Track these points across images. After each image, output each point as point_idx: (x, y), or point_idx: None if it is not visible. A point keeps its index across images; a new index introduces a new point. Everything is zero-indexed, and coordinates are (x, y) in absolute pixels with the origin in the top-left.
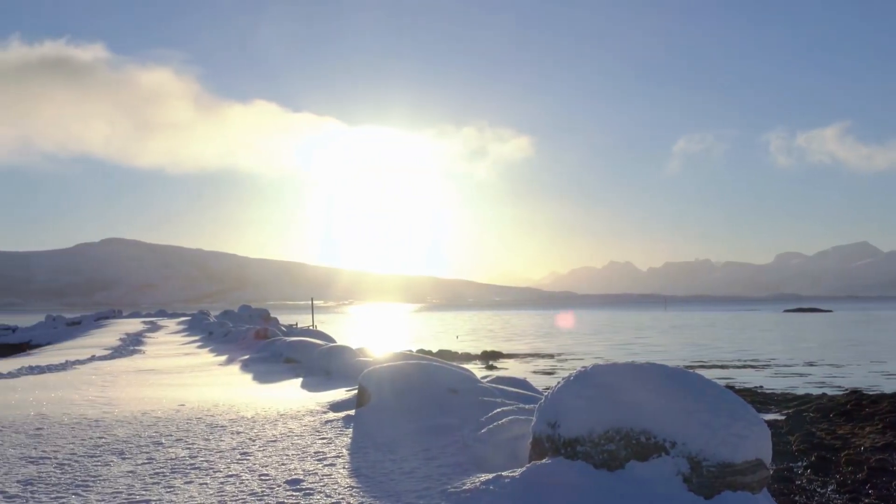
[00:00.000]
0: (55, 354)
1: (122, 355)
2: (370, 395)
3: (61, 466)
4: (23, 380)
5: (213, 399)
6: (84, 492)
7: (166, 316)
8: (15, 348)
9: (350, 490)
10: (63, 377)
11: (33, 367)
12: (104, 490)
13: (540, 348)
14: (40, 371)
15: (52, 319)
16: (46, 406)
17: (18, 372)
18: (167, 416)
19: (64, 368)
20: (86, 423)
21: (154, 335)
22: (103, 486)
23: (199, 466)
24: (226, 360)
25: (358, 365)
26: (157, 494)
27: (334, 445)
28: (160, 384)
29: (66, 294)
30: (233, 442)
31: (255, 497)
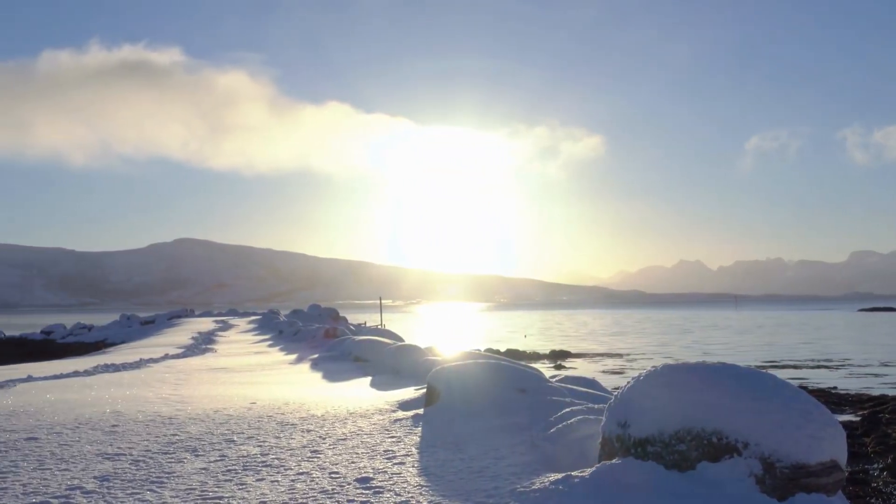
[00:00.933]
0: (130, 353)
1: (195, 354)
2: (439, 394)
3: (136, 463)
4: (98, 378)
5: (283, 397)
6: (159, 488)
7: (237, 315)
8: (91, 347)
9: (419, 489)
10: (137, 375)
11: (109, 366)
12: (178, 487)
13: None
14: (115, 369)
15: (126, 318)
16: (122, 404)
17: (94, 370)
18: (239, 414)
19: (138, 367)
20: (160, 420)
21: (225, 334)
22: (177, 482)
23: (271, 464)
24: (296, 358)
25: (426, 364)
26: (229, 491)
27: (403, 444)
28: (232, 382)
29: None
30: (303, 440)
31: (325, 495)
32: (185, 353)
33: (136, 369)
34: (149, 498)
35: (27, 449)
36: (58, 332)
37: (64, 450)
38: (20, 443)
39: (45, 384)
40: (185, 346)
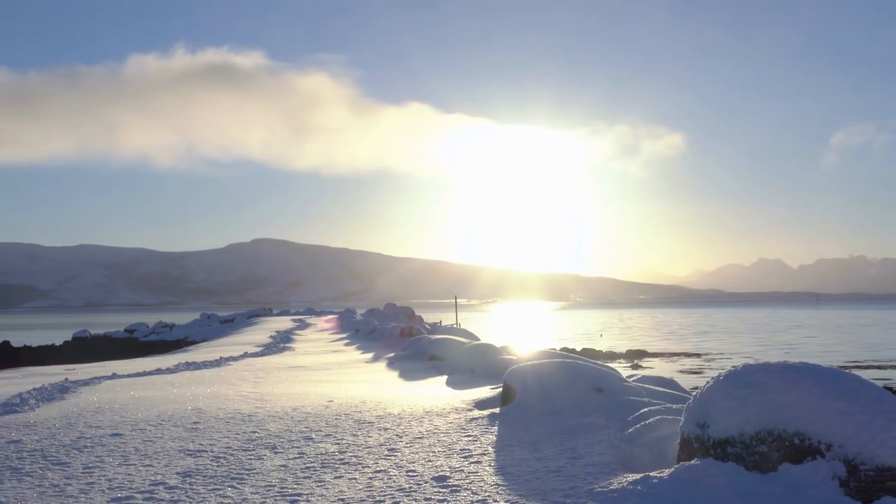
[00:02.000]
0: (210, 351)
1: (273, 352)
2: (515, 393)
3: (217, 459)
4: (180, 375)
5: (360, 395)
6: (239, 484)
7: (314, 314)
8: (172, 345)
9: (496, 488)
10: (217, 373)
11: (190, 364)
12: (258, 483)
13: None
14: (196, 367)
15: (206, 317)
16: (202, 401)
17: (176, 368)
18: (317, 412)
19: (218, 365)
20: (239, 417)
21: (303, 333)
22: (257, 479)
23: (348, 461)
24: (372, 357)
25: (502, 363)
26: (308, 488)
27: (480, 443)
28: (309, 380)
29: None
30: (380, 438)
31: (402, 493)
32: (263, 352)
33: (217, 367)
34: (230, 494)
35: (112, 445)
36: (140, 330)
37: (147, 446)
38: (105, 438)
39: (128, 381)
40: (264, 345)
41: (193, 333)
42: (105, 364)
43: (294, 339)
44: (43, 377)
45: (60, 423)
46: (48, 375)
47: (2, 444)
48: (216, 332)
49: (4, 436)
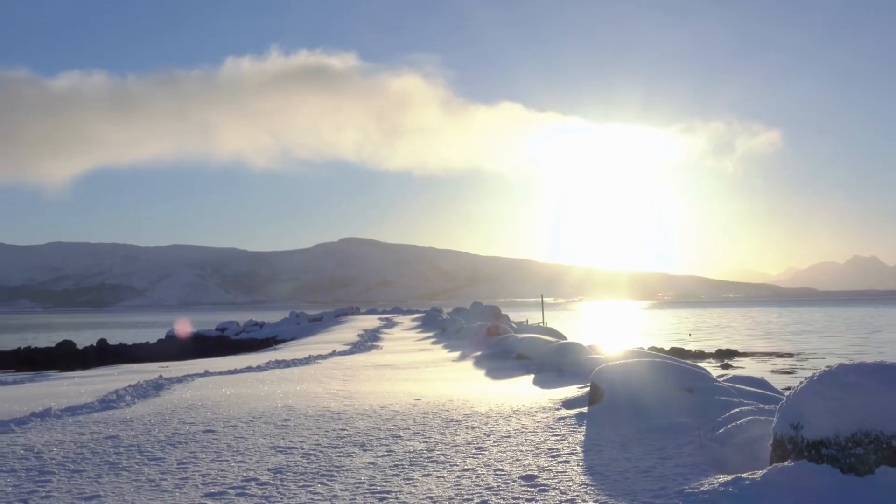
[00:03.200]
0: (299, 349)
1: (361, 350)
2: (603, 393)
3: (307, 456)
4: (270, 373)
5: (447, 394)
6: (329, 481)
7: (401, 313)
8: (262, 343)
9: (585, 487)
10: (307, 371)
11: (279, 362)
12: (347, 480)
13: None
14: (286, 365)
15: (295, 316)
16: (292, 398)
17: (266, 366)
18: (405, 410)
19: (307, 363)
20: (329, 415)
21: (390, 331)
22: (346, 476)
23: (437, 460)
24: (459, 356)
25: (589, 362)
26: (396, 486)
27: (568, 442)
28: (397, 379)
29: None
30: (468, 437)
31: (490, 491)
32: (351, 350)
33: (306, 365)
34: (320, 491)
35: (205, 441)
36: (231, 329)
37: (239, 442)
38: (199, 435)
39: (220, 379)
40: (352, 343)
41: (283, 332)
42: (198, 362)
43: (381, 337)
44: (138, 374)
45: (155, 419)
46: (143, 373)
47: (100, 439)
48: (305, 330)
49: (102, 431)
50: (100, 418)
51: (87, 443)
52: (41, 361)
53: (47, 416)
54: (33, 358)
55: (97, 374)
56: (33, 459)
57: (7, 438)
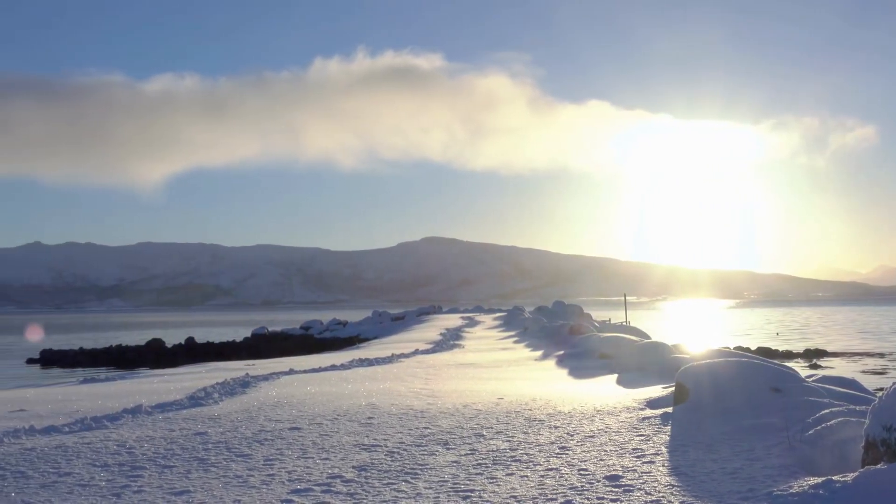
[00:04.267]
0: (382, 348)
1: (443, 349)
2: (688, 393)
3: (391, 454)
4: (354, 371)
5: (530, 393)
6: (413, 479)
7: (483, 311)
8: (345, 342)
9: (670, 488)
10: (389, 369)
11: (363, 360)
12: (431, 478)
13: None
14: (369, 364)
15: (378, 315)
16: (376, 397)
17: (350, 364)
18: (487, 409)
19: (390, 361)
20: (412, 413)
21: (472, 330)
22: (430, 474)
23: (520, 459)
24: (541, 355)
25: (673, 362)
26: (480, 485)
27: (652, 442)
28: (479, 378)
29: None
30: (551, 436)
31: (574, 491)
32: (434, 349)
33: (389, 364)
34: (404, 489)
35: (291, 438)
36: (315, 327)
37: (324, 440)
38: (285, 432)
39: (305, 377)
40: (434, 342)
41: (366, 331)
42: (282, 360)
43: (463, 336)
44: (225, 372)
45: (242, 416)
46: (230, 370)
47: (189, 435)
48: (388, 329)
49: (191, 428)
50: (188, 415)
51: (177, 439)
52: (132, 359)
53: (138, 412)
54: (124, 356)
55: (185, 372)
56: (125, 455)
57: (100, 434)
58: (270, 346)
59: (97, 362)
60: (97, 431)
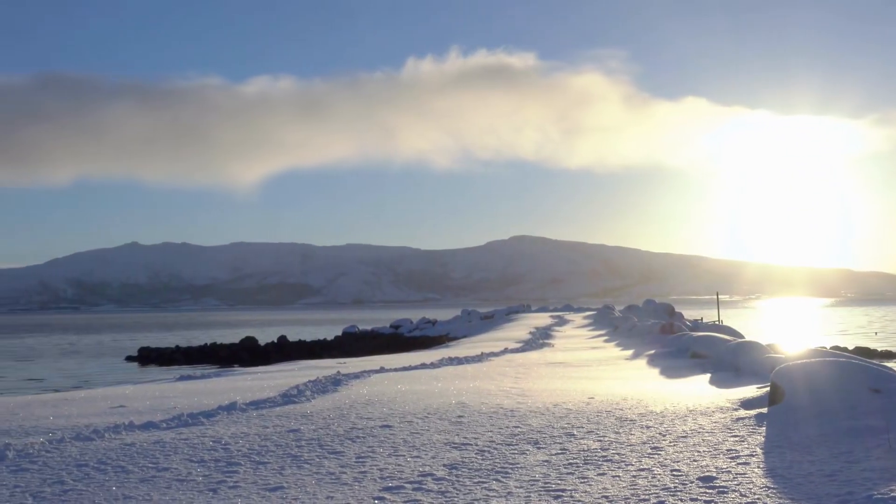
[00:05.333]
0: (471, 347)
1: (533, 348)
2: (784, 393)
3: (481, 453)
4: (443, 370)
5: (621, 393)
6: (503, 478)
7: (572, 310)
8: (434, 340)
9: (766, 490)
10: (479, 368)
11: (452, 359)
12: (522, 477)
13: None
14: (459, 362)
15: (467, 314)
16: (466, 395)
17: (440, 363)
18: (578, 409)
19: (479, 360)
20: (502, 412)
21: (561, 329)
22: (521, 473)
23: (611, 459)
24: (632, 354)
25: (768, 361)
26: (571, 484)
27: (747, 443)
28: (569, 377)
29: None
30: (643, 436)
31: (667, 492)
32: (523, 348)
33: (478, 362)
34: (495, 487)
35: (382, 436)
36: (405, 326)
37: (415, 438)
38: (376, 430)
39: (395, 375)
40: (524, 341)
41: (455, 329)
42: (373, 358)
43: (552, 335)
44: (317, 370)
45: (334, 413)
46: (321, 368)
47: (282, 432)
48: (477, 328)
49: (284, 425)
50: (282, 412)
51: (271, 436)
52: (226, 357)
53: (233, 409)
54: (218, 354)
55: (278, 370)
56: (221, 451)
57: (197, 430)
58: (361, 344)
59: (192, 360)
60: (194, 428)
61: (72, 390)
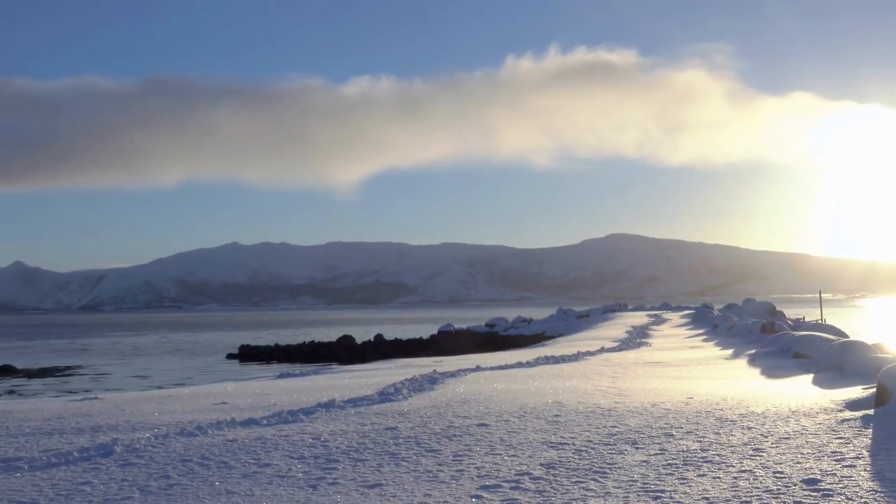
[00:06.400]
0: (567, 346)
1: (630, 347)
2: (892, 394)
3: (579, 452)
4: (539, 369)
5: (720, 393)
6: (601, 478)
7: (669, 309)
8: (530, 339)
9: (873, 494)
10: (575, 367)
11: (548, 358)
12: (620, 478)
13: None
14: (555, 361)
15: (562, 312)
16: (562, 394)
17: (535, 362)
18: (676, 409)
19: (576, 359)
20: (599, 412)
21: (659, 328)
22: (619, 473)
23: (711, 460)
24: (731, 353)
25: (875, 361)
26: (671, 485)
27: (853, 446)
28: (667, 376)
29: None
30: (744, 437)
31: (770, 494)
32: (620, 347)
33: (574, 361)
34: (593, 487)
35: (479, 434)
36: (500, 325)
37: (512, 437)
38: (472, 428)
39: (491, 374)
40: (620, 340)
41: (550, 328)
42: (468, 357)
43: (650, 334)
44: (413, 368)
45: (430, 411)
46: (418, 367)
47: (380, 430)
48: (572, 326)
49: (382, 422)
50: (379, 410)
51: (368, 433)
52: (324, 355)
53: (331, 406)
54: (317, 352)
55: (375, 368)
56: (320, 448)
57: (297, 427)
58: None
59: (291, 358)
60: (293, 424)
61: (175, 387)
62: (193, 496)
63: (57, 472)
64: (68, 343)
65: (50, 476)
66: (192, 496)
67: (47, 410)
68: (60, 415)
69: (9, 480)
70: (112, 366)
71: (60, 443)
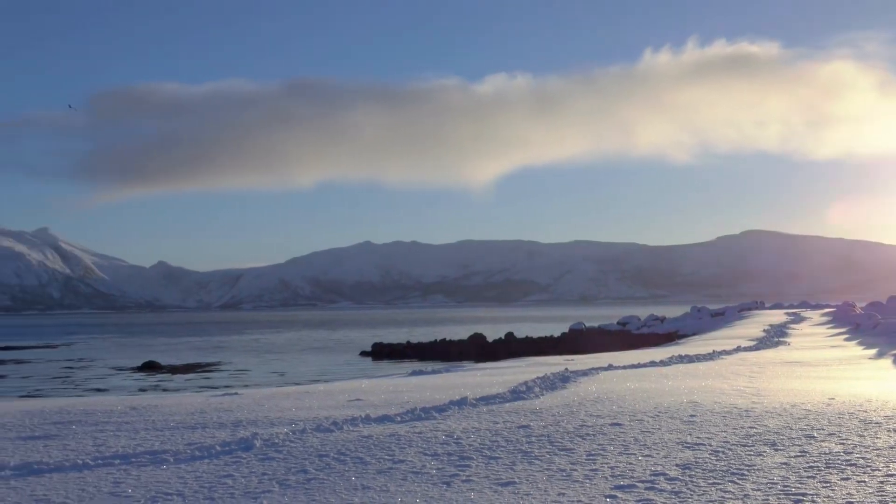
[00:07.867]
0: (702, 344)
1: (767, 346)
2: None
3: (715, 453)
4: (673, 368)
5: (864, 394)
6: (739, 480)
7: (809, 307)
8: (663, 338)
9: None
10: (711, 367)
11: (682, 357)
12: (759, 480)
13: None
14: (689, 360)
15: (696, 310)
16: (697, 394)
17: (669, 360)
18: (817, 410)
19: (711, 358)
20: (736, 412)
21: (798, 326)
22: (757, 475)
23: (856, 463)
24: (875, 353)
25: None
26: (812, 489)
27: None
28: (807, 376)
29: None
30: (890, 440)
31: None
32: (757, 346)
33: (710, 361)
34: (730, 489)
35: (612, 434)
36: (632, 323)
37: (646, 436)
38: (606, 427)
39: (623, 373)
40: (758, 339)
41: (684, 327)
42: (600, 355)
43: (788, 333)
44: (545, 367)
45: (563, 410)
46: (549, 365)
47: (512, 428)
48: (707, 325)
49: (514, 421)
50: (511, 408)
51: (501, 431)
52: (455, 353)
53: (464, 404)
54: (448, 350)
55: (506, 366)
56: (453, 445)
57: (430, 424)
58: (587, 341)
59: (423, 355)
60: (426, 422)
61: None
62: (330, 490)
63: (200, 464)
64: (208, 340)
65: (194, 469)
66: (328, 490)
67: (190, 405)
68: (203, 409)
69: (155, 473)
70: (250, 363)
71: (203, 437)
